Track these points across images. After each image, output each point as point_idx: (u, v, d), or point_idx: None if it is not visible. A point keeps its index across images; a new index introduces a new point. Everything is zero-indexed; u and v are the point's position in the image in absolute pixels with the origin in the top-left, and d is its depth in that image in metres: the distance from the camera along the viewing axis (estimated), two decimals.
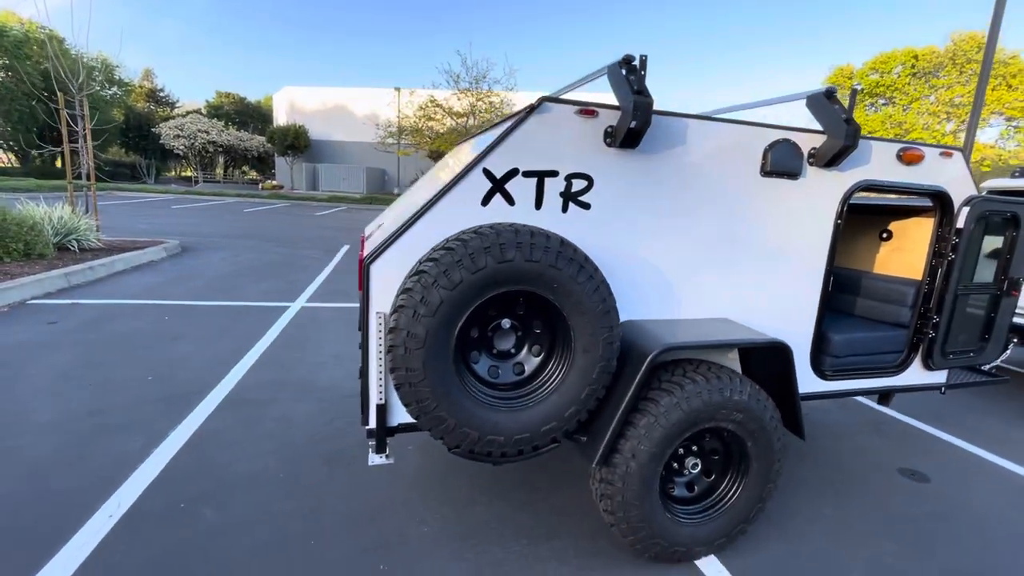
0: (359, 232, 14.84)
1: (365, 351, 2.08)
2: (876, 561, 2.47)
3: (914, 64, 37.31)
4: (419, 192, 3.06)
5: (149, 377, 4.05)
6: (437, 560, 2.29)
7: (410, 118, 24.17)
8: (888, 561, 2.48)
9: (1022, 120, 34.10)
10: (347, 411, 3.69)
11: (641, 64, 2.12)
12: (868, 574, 2.38)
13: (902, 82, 38.09)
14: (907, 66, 37.45)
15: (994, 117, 35.44)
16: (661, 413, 2.10)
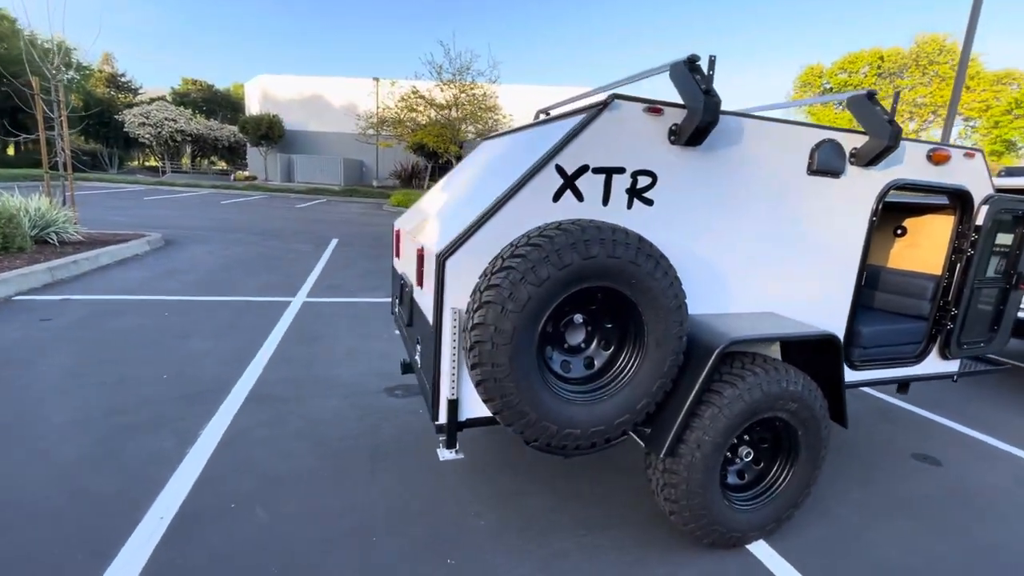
0: (344, 225, 14.65)
1: (437, 347, 2.07)
2: (909, 540, 2.62)
3: (880, 65, 38.67)
4: (454, 188, 3.05)
5: (164, 375, 3.92)
6: (501, 552, 2.31)
7: (392, 109, 23.77)
8: (921, 541, 2.62)
9: (979, 120, 35.77)
10: (376, 407, 3.67)
11: (710, 64, 2.16)
12: (904, 552, 2.52)
13: (869, 82, 39.44)
14: (873, 66, 38.80)
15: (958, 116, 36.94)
16: (725, 404, 2.16)
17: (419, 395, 3.90)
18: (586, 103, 2.36)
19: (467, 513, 2.58)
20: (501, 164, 2.61)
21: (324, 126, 34.49)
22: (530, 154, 2.29)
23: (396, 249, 3.36)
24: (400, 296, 3.08)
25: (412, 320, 2.69)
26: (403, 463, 2.98)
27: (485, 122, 23.33)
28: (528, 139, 2.60)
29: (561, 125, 2.30)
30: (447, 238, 2.10)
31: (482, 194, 2.39)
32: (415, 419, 3.54)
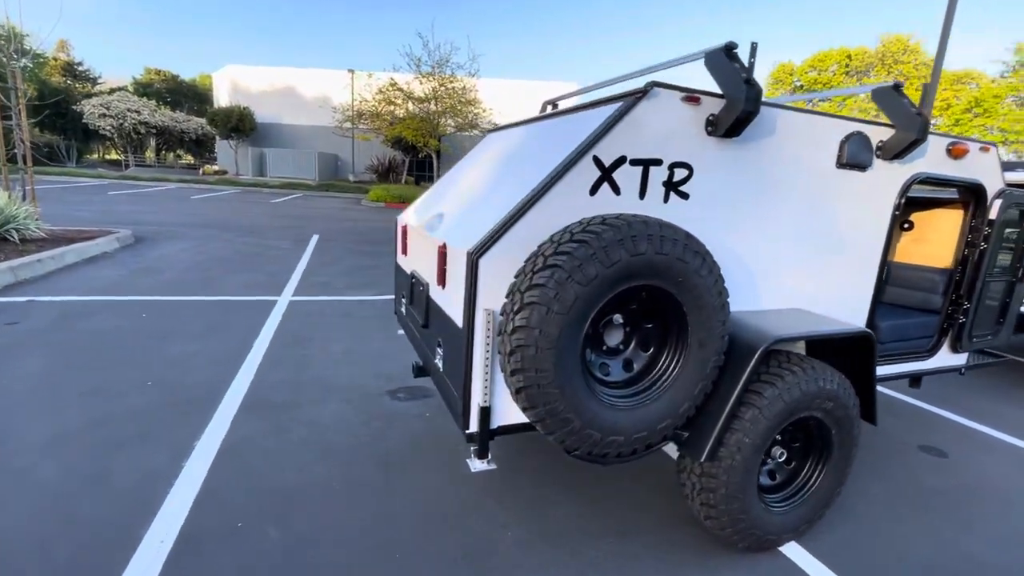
0: (323, 220, 14.25)
1: (468, 351, 1.94)
2: (935, 535, 2.61)
3: (848, 63, 39.71)
4: (467, 182, 2.90)
5: (149, 382, 3.66)
6: (536, 566, 2.20)
7: (369, 102, 23.20)
8: (946, 536, 2.62)
9: (940, 118, 37.15)
10: (380, 411, 3.50)
11: (751, 52, 2.07)
12: (934, 548, 2.51)
13: (837, 80, 40.47)
14: (842, 64, 39.83)
15: None
16: (765, 405, 2.09)
17: (423, 398, 3.75)
18: (607, 93, 2.24)
19: (494, 524, 2.45)
20: (524, 157, 2.48)
21: (297, 119, 33.53)
22: (559, 145, 2.17)
23: (402, 246, 3.20)
24: (410, 295, 2.92)
25: (428, 321, 2.54)
26: (417, 472, 2.83)
27: (465, 116, 23.01)
28: (551, 130, 2.47)
29: (592, 114, 2.18)
30: (477, 235, 1.96)
31: (507, 188, 2.25)
32: (422, 424, 3.39)
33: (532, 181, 2.03)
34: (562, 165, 1.94)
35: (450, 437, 3.23)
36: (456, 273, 2.11)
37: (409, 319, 3.02)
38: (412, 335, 2.98)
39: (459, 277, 2.06)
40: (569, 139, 2.11)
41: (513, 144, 2.83)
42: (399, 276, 3.39)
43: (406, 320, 3.16)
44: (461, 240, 2.08)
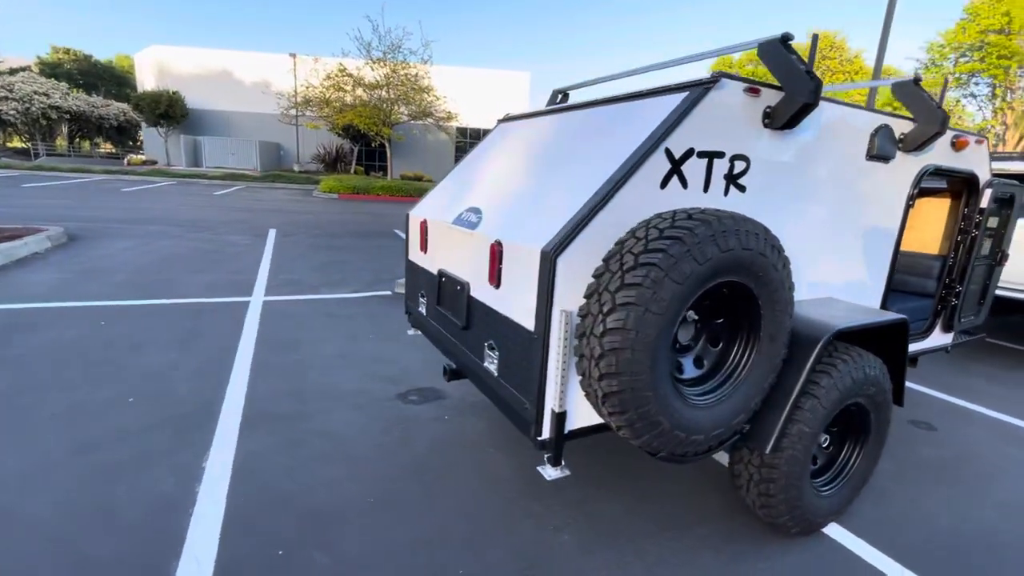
0: (277, 214, 13.50)
1: (544, 355, 1.84)
2: (950, 504, 2.79)
3: None
4: (496, 175, 2.75)
5: (130, 398, 3.30)
6: (601, 568, 2.15)
7: (316, 88, 22.05)
8: (960, 506, 2.80)
9: None
10: (397, 417, 3.33)
11: (813, 42, 2.06)
12: (953, 518, 2.68)
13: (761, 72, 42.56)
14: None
15: None
16: (823, 394, 2.13)
17: (436, 400, 3.60)
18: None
19: (546, 528, 2.38)
20: (570, 148, 2.37)
21: (235, 105, 31.44)
22: (619, 137, 2.09)
23: (420, 242, 3.02)
24: (437, 295, 2.76)
25: (470, 323, 2.41)
26: (453, 479, 2.71)
27: (419, 104, 22.37)
28: (599, 120, 2.38)
29: (653, 104, 2.11)
30: (546, 233, 1.85)
31: (562, 182, 2.15)
32: (443, 427, 3.25)
33: (595, 174, 1.95)
34: (636, 158, 1.86)
35: (475, 439, 3.12)
36: (515, 273, 2.00)
37: (435, 320, 2.86)
38: (439, 336, 2.83)
39: (520, 277, 1.96)
40: (631, 130, 2.04)
41: (547, 135, 2.72)
42: (414, 274, 3.22)
43: (427, 321, 3.01)
44: (524, 238, 1.97)
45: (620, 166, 1.88)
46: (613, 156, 1.97)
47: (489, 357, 2.24)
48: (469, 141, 34.26)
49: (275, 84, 28.77)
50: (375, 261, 8.33)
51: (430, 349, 4.51)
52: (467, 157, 3.36)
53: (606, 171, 1.92)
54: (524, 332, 1.94)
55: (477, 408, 3.52)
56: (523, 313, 1.94)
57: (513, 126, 3.18)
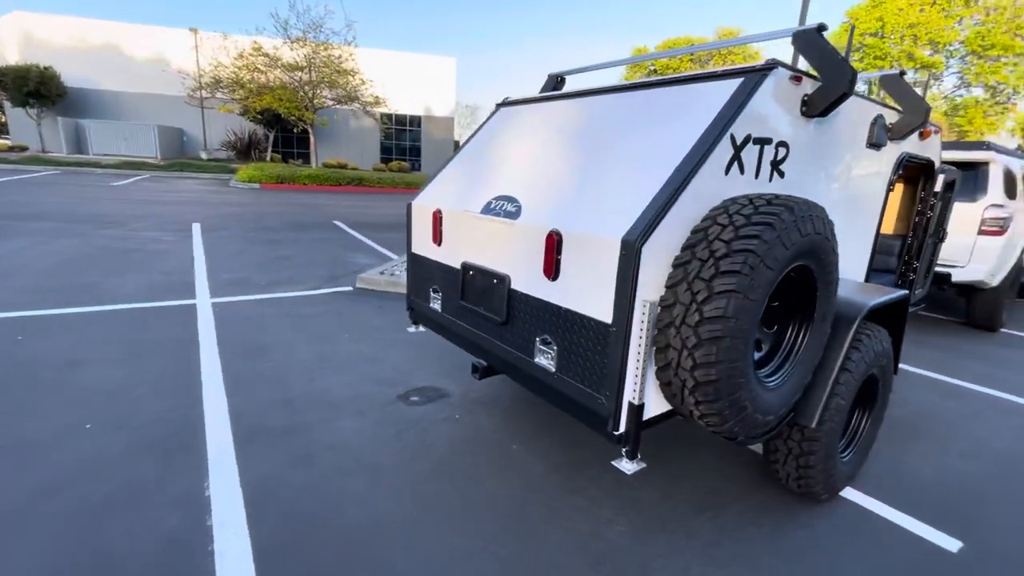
0: (196, 206, 12.36)
1: (625, 347, 1.78)
2: (927, 457, 3.11)
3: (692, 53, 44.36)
4: (516, 158, 2.62)
5: (87, 425, 2.83)
6: (663, 553, 2.16)
7: (227, 67, 20.10)
8: (936, 458, 3.14)
9: None
10: (405, 420, 3.13)
11: (850, 35, 2.14)
12: (934, 468, 2.99)
13: (685, 66, 44.96)
14: (687, 54, 44.35)
15: None
16: (854, 368, 2.27)
17: (440, 399, 3.44)
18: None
19: (597, 520, 2.35)
20: (611, 133, 2.30)
21: (127, 85, 27.91)
22: (675, 122, 2.06)
23: (434, 234, 2.83)
24: (461, 290, 2.61)
25: (512, 318, 2.30)
26: (487, 481, 2.60)
27: (345, 87, 21.16)
28: (643, 105, 2.31)
29: (708, 89, 2.09)
30: (623, 221, 1.79)
31: (613, 169, 2.09)
32: (457, 427, 3.11)
33: (660, 161, 1.91)
34: (707, 143, 1.84)
35: (493, 436, 3.01)
36: (581, 264, 1.92)
37: (457, 316, 2.71)
38: (463, 333, 2.68)
39: (589, 268, 1.88)
40: (690, 116, 2.01)
41: (574, 119, 2.61)
42: (422, 268, 3.02)
43: (442, 317, 2.84)
44: (593, 227, 1.89)
45: (690, 152, 1.85)
46: (676, 142, 1.94)
47: (543, 352, 2.15)
48: (397, 128, 33.07)
49: (175, 62, 25.91)
50: (323, 255, 7.80)
51: (415, 346, 4.31)
52: (470, 143, 3.18)
53: (673, 157, 1.88)
54: (596, 325, 1.87)
55: (486, 405, 3.41)
56: (594, 305, 1.87)
57: (523, 110, 3.05)
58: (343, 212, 13.30)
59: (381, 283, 6.12)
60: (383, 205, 15.88)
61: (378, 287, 6.11)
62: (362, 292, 5.97)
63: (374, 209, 14.61)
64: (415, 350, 4.25)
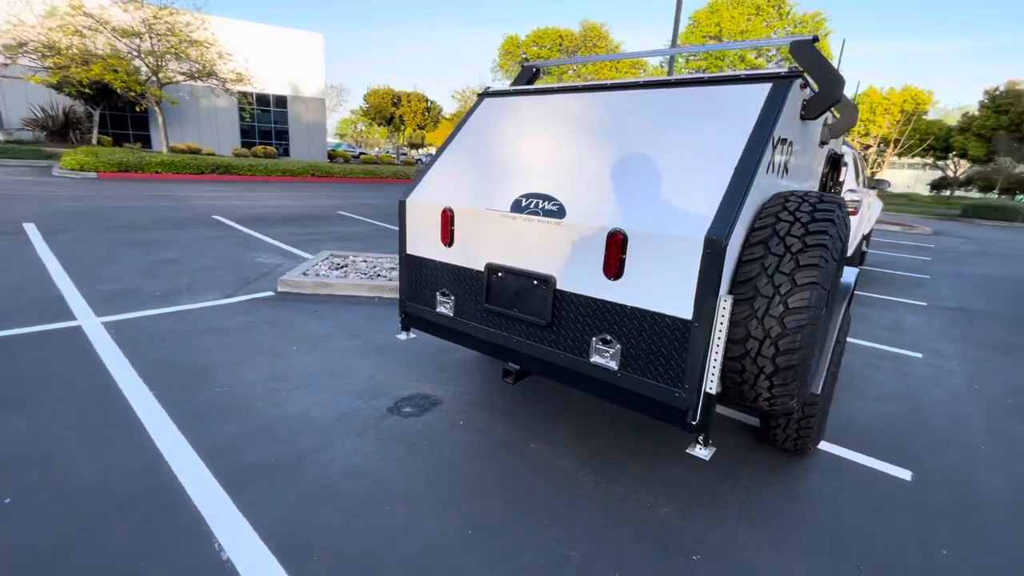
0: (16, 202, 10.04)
1: (707, 342, 1.86)
2: (850, 404, 3.73)
3: (561, 43, 46.20)
4: (539, 153, 2.52)
5: (6, 499, 2.18)
6: (712, 526, 2.32)
7: (34, 27, 16.14)
8: (856, 403, 3.77)
9: None
10: (410, 434, 2.92)
11: (842, 47, 2.41)
12: (859, 412, 3.60)
13: (555, 55, 46.75)
14: (556, 43, 46.13)
15: None
16: (843, 339, 2.65)
17: (433, 407, 3.26)
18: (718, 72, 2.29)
19: (642, 505, 2.43)
20: (650, 130, 2.32)
21: None
22: (710, 121, 2.17)
23: (444, 234, 2.64)
24: (489, 294, 2.49)
25: (558, 319, 2.26)
26: (522, 486, 2.54)
27: (200, 60, 18.35)
28: (673, 103, 2.36)
29: (738, 92, 2.22)
30: (696, 219, 1.86)
31: (661, 166, 2.14)
32: (467, 434, 2.98)
33: (713, 160, 2.01)
34: (760, 144, 1.97)
35: (506, 439, 2.95)
36: (653, 262, 1.95)
37: (479, 320, 2.58)
38: (488, 337, 2.56)
39: (662, 266, 1.93)
40: (731, 117, 2.13)
41: (593, 113, 2.56)
42: (423, 271, 2.81)
43: (457, 321, 2.68)
44: (666, 225, 1.92)
45: (745, 151, 1.97)
46: (725, 141, 2.04)
47: (600, 352, 2.15)
48: (260, 108, 29.71)
49: None
50: (219, 257, 6.82)
51: (377, 352, 4.02)
52: (460, 136, 2.99)
53: (728, 156, 1.98)
54: (673, 322, 1.92)
55: (483, 407, 3.31)
56: (671, 303, 1.91)
57: (521, 103, 2.93)
58: (220, 205, 11.69)
59: (308, 285, 5.55)
60: (263, 196, 14.28)
61: (305, 290, 5.53)
62: (287, 297, 5.35)
63: (256, 201, 13.08)
64: (379, 356, 3.95)
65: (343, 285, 5.57)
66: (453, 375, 3.72)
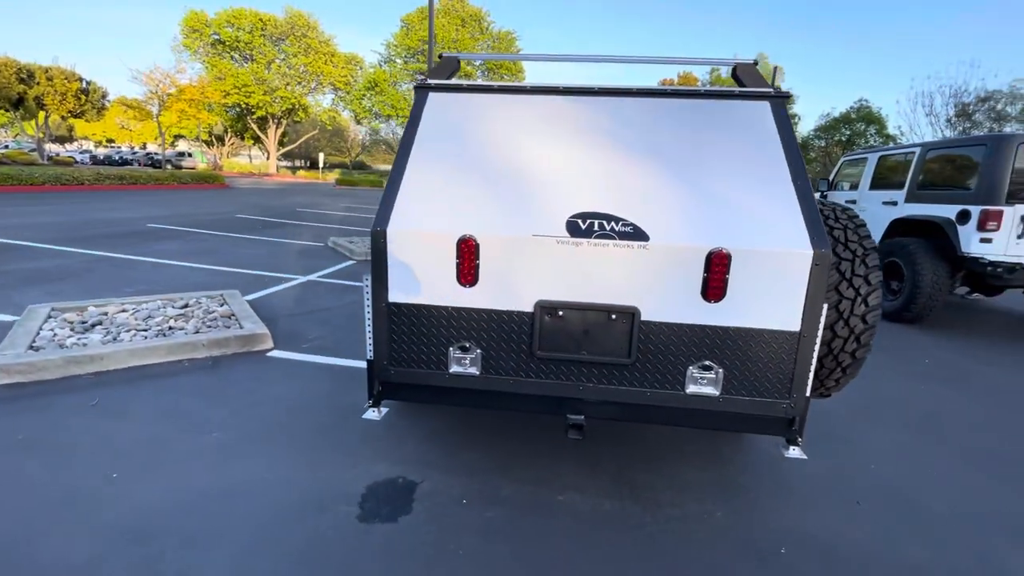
0: None
1: (813, 347, 1.93)
2: None
3: (263, 27, 41.25)
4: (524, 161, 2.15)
5: None
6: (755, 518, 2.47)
7: None
8: None
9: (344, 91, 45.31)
10: (429, 540, 2.17)
11: (774, 72, 2.77)
12: None
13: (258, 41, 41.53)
14: (257, 27, 40.98)
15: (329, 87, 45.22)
16: None
17: (418, 497, 2.51)
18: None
19: (679, 519, 2.42)
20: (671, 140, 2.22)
21: None
22: (728, 135, 2.25)
23: (465, 271, 2.00)
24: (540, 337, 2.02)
25: (641, 355, 2.00)
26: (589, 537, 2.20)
27: None
28: (671, 112, 2.30)
29: (744, 108, 2.31)
30: (796, 234, 1.91)
31: (705, 180, 2.11)
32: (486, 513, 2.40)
33: (760, 173, 2.09)
34: (797, 160, 2.12)
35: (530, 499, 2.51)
36: (758, 279, 1.92)
37: (526, 374, 2.07)
38: (534, 392, 2.09)
39: (768, 282, 1.92)
40: (744, 130, 2.22)
41: (601, 121, 2.30)
42: (428, 324, 2.09)
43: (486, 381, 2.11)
44: (767, 242, 1.90)
45: (791, 166, 2.08)
46: (760, 155, 2.12)
47: (698, 381, 2.00)
48: None
49: None
50: None
51: (263, 439, 2.88)
52: (421, 142, 2.27)
53: (776, 170, 2.07)
54: (780, 336, 1.92)
55: (466, 469, 2.71)
56: (777, 318, 1.91)
57: (495, 102, 2.40)
58: None
59: (53, 366, 3.52)
60: None
61: (51, 374, 3.50)
62: (20, 392, 3.29)
63: None
64: (266, 445, 2.81)
65: (121, 354, 3.74)
66: (388, 437, 2.93)
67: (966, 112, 26.88)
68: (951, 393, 4.16)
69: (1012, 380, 4.54)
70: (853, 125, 35.20)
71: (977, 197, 5.56)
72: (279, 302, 5.65)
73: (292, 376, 3.76)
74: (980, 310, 7.46)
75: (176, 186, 22.43)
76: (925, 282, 5.78)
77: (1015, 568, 2.14)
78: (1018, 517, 2.50)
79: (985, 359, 5.11)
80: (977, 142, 5.92)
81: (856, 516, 2.47)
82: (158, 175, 22.99)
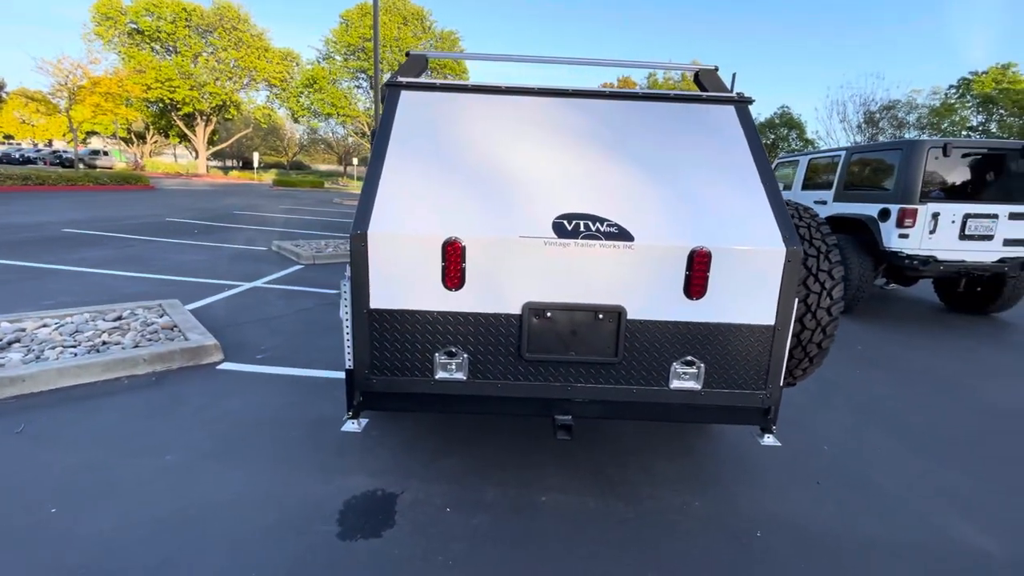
0: None
1: (786, 339, 2.04)
2: None
3: (188, 18, 38.70)
4: (503, 161, 2.15)
5: None
6: (749, 506, 2.58)
7: None
8: None
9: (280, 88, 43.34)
10: (417, 550, 2.10)
11: (733, 78, 2.89)
12: None
13: (182, 32, 38.92)
14: (181, 18, 38.39)
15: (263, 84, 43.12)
16: None
17: (399, 508, 2.43)
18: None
19: (676, 512, 2.49)
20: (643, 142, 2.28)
21: None
22: (695, 137, 2.33)
23: (451, 274, 1.95)
24: (528, 340, 2.01)
25: (627, 353, 2.04)
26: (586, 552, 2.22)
27: None
28: (640, 114, 2.36)
29: (712, 112, 2.40)
30: (769, 232, 2.02)
31: (678, 181, 2.19)
32: (471, 522, 2.36)
33: (731, 174, 2.19)
34: (764, 162, 2.23)
35: (513, 501, 2.50)
36: (736, 276, 2.01)
37: (514, 377, 2.05)
38: (522, 394, 2.07)
39: (746, 279, 2.02)
40: (712, 133, 2.31)
41: (576, 121, 2.32)
42: (412, 329, 2.02)
43: (473, 386, 2.07)
44: (743, 240, 1.98)
45: (759, 168, 2.19)
46: (728, 157, 2.22)
47: (681, 376, 2.06)
48: None
49: None
50: None
51: (226, 456, 2.70)
52: (395, 143, 2.20)
53: (744, 171, 2.17)
54: (757, 330, 2.01)
55: (444, 476, 2.65)
56: (754, 313, 1.99)
57: (470, 101, 2.36)
58: None
59: None
60: None
61: None
62: None
63: None
64: (231, 461, 2.63)
65: (47, 374, 3.37)
66: (361, 448, 2.82)
67: (873, 120, 29.56)
68: (884, 375, 4.53)
69: (934, 363, 5.01)
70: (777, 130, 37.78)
71: (895, 196, 6.09)
72: (225, 311, 5.30)
73: (248, 389, 3.54)
74: (896, 299, 8.19)
75: (93, 187, 20.56)
76: (853, 275, 6.26)
77: (961, 536, 2.36)
78: (959, 490, 2.76)
79: (908, 344, 5.61)
80: (894, 147, 6.49)
81: (819, 496, 2.63)
82: (70, 175, 20.97)
